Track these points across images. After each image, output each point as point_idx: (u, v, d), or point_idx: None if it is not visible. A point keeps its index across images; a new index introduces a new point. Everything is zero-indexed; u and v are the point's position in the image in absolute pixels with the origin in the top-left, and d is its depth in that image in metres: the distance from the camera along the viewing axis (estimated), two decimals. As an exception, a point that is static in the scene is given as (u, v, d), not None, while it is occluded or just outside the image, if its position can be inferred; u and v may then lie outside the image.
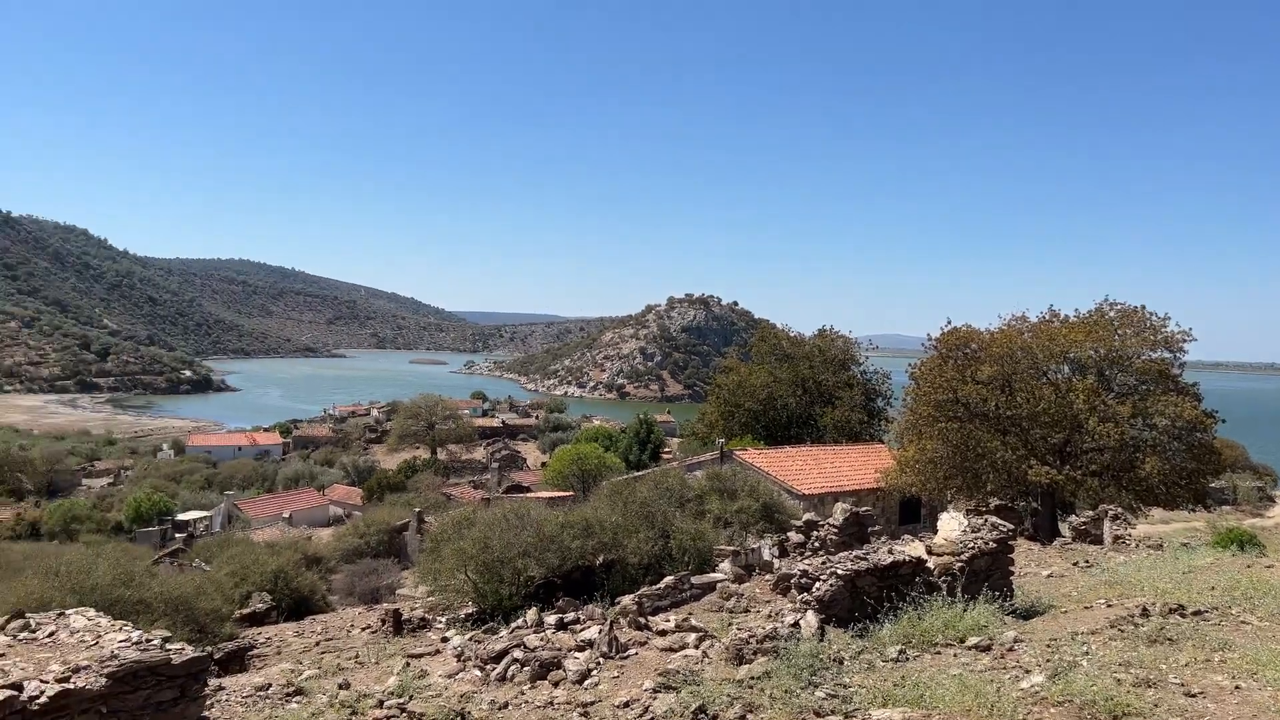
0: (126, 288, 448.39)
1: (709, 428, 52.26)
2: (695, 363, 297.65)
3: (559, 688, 10.44)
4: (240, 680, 14.68)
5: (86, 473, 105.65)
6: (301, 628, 25.64)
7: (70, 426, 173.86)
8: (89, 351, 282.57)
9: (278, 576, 30.71)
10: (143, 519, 64.57)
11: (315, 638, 23.05)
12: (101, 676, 7.69)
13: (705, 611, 15.03)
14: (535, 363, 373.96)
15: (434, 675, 12.43)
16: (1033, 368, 31.73)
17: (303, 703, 11.99)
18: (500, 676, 11.29)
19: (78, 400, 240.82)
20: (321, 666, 15.95)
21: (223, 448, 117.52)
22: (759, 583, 16.97)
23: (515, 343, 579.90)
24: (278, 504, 68.27)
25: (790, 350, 54.57)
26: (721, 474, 31.57)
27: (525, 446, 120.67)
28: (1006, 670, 8.53)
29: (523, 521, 22.75)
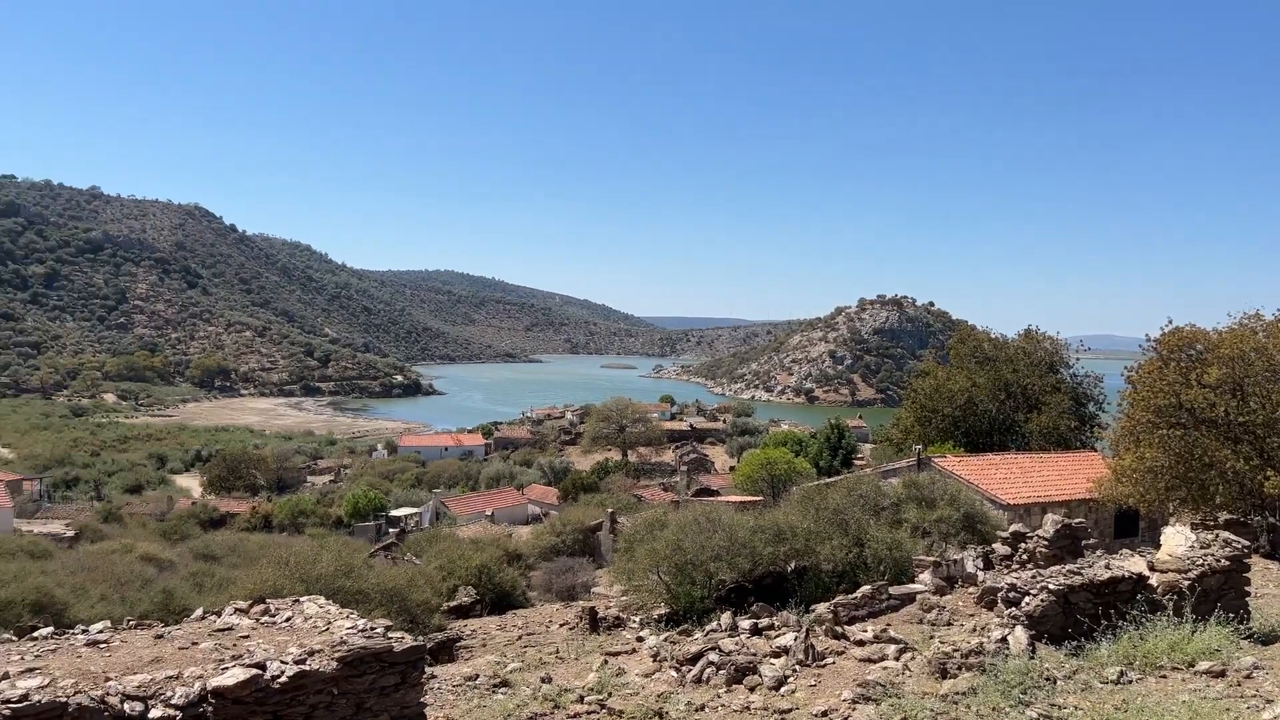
0: (345, 299, 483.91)
1: (904, 433, 50.72)
2: (888, 366, 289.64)
3: (755, 693, 10.44)
4: (450, 670, 15.54)
5: (311, 470, 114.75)
6: (503, 622, 26.82)
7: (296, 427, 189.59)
8: (312, 358, 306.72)
9: (482, 572, 32.26)
10: (360, 514, 69.36)
11: (517, 632, 24.06)
12: (333, 660, 8.35)
13: (904, 623, 14.61)
14: (722, 366, 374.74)
15: (631, 674, 12.71)
16: (1269, 370, 28.93)
17: (508, 694, 12.56)
18: (696, 678, 11.41)
19: (303, 403, 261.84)
20: (524, 660, 16.64)
21: (430, 448, 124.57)
22: (961, 595, 16.32)
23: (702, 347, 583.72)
24: (481, 502, 71.63)
25: (991, 352, 52.13)
26: (919, 481, 30.56)
27: (712, 450, 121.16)
28: (1244, 699, 7.84)
29: (714, 525, 22.88)
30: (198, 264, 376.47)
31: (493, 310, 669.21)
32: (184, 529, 58.79)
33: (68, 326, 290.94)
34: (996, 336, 55.48)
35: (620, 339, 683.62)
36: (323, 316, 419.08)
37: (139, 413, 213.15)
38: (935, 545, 25.87)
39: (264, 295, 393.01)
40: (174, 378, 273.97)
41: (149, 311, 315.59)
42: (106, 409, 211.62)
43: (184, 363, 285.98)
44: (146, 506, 75.23)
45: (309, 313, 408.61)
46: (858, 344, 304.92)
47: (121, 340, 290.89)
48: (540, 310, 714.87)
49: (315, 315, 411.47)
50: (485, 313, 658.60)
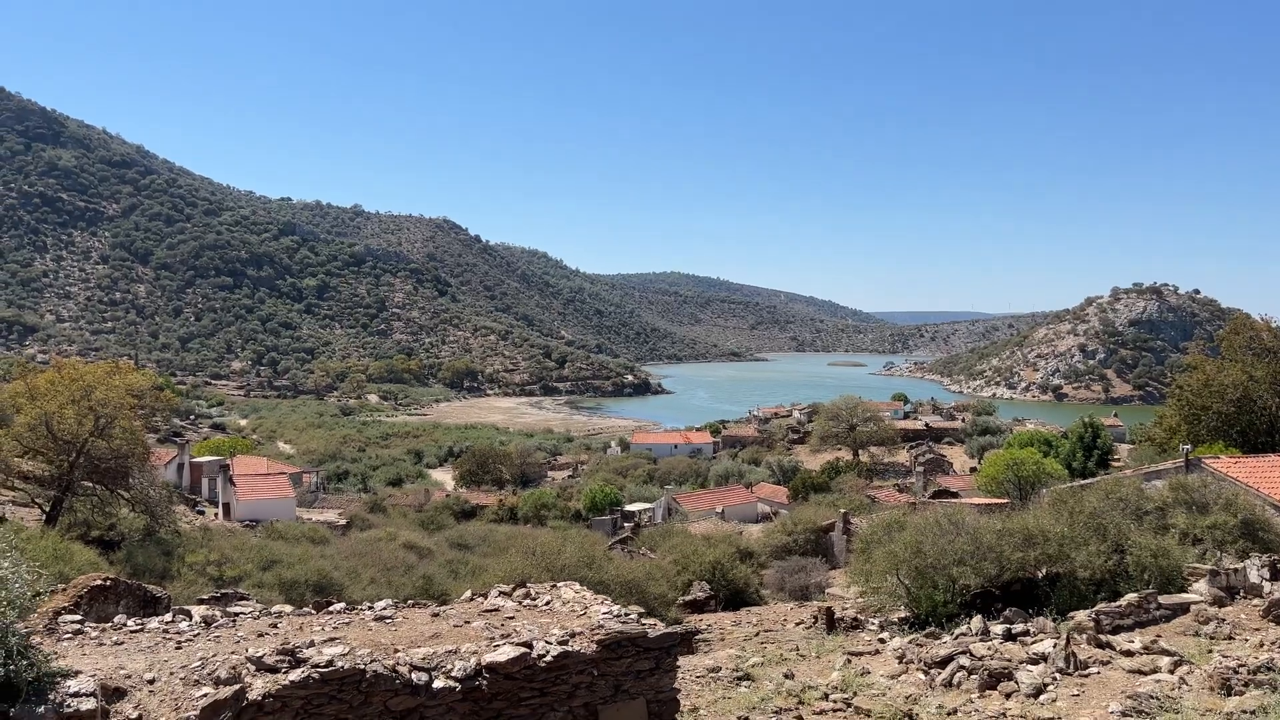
0: (578, 302, 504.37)
1: (1169, 432, 46.69)
2: (1146, 360, 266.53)
3: (1010, 700, 10.04)
4: (691, 661, 15.93)
5: (551, 465, 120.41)
6: (738, 618, 27.09)
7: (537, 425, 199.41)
8: (550, 360, 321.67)
9: (715, 567, 32.69)
10: (597, 508, 72.03)
11: (753, 628, 24.25)
12: (592, 643, 8.84)
13: (1176, 635, 13.51)
14: (959, 363, 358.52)
15: (875, 674, 12.55)
16: None
17: (751, 687, 12.74)
18: (946, 682, 11.11)
19: (542, 402, 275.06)
20: (764, 655, 16.77)
21: (661, 445, 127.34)
22: (1244, 608, 14.87)
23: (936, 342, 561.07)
24: (710, 499, 72.41)
25: (1271, 343, 46.97)
26: (1188, 484, 28.00)
27: (950, 450, 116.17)
28: None
29: (957, 528, 22.07)
30: (447, 273, 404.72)
31: (718, 310, 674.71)
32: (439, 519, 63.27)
33: (336, 333, 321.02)
34: (1277, 326, 49.90)
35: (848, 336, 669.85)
36: (559, 320, 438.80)
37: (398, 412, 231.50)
38: (1209, 554, 23.67)
39: (505, 301, 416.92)
40: (428, 379, 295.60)
41: (405, 318, 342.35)
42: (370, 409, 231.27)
43: (436, 365, 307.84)
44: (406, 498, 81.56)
45: (546, 316, 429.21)
46: (1111, 336, 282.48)
47: (382, 345, 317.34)
48: (765, 308, 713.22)
49: (552, 319, 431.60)
50: (710, 312, 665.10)
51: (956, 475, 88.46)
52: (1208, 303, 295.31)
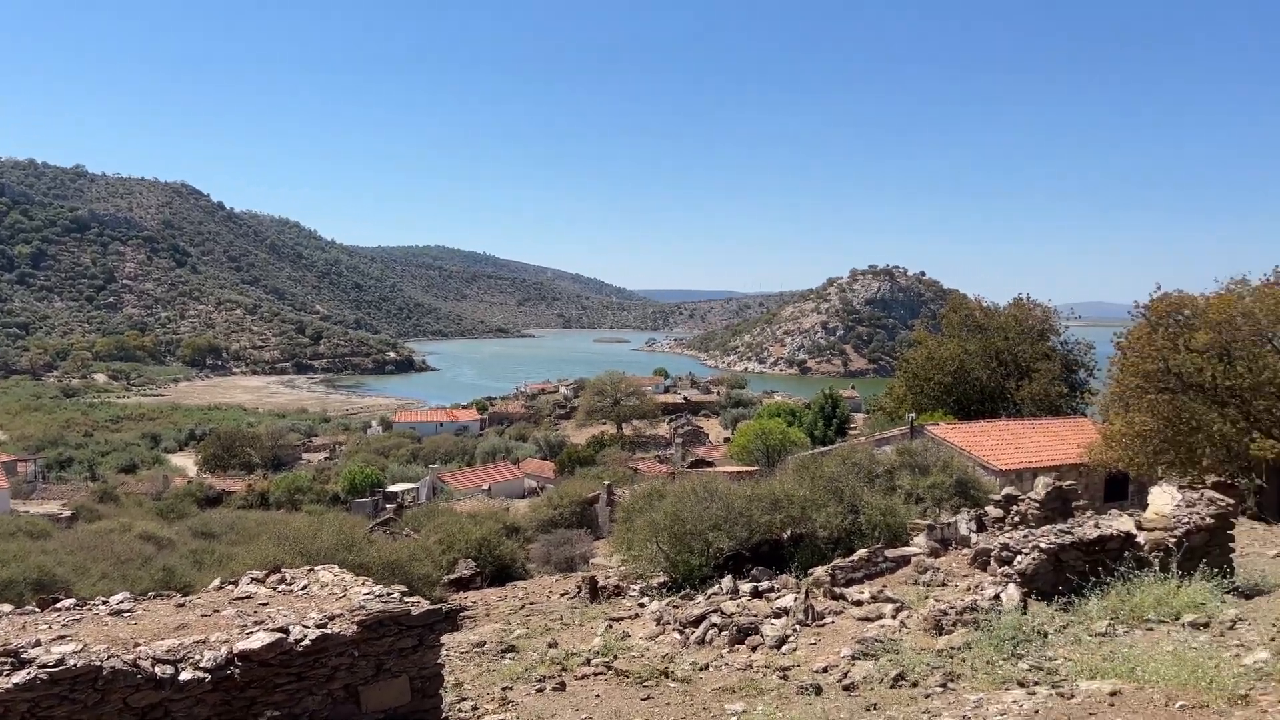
0: (335, 275, 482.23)
1: (897, 402, 51.14)
2: (880, 336, 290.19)
3: (757, 652, 10.80)
4: (456, 638, 15.91)
5: (305, 448, 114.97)
6: (504, 593, 27.22)
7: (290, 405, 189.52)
8: (304, 336, 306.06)
9: (481, 545, 32.62)
10: (356, 490, 69.72)
11: (518, 602, 24.46)
12: (353, 624, 8.66)
13: (900, 584, 15.00)
14: (715, 339, 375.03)
15: (635, 637, 13.08)
16: (1256, 334, 29.34)
17: (516, 658, 12.92)
18: (699, 640, 11.78)
19: (295, 381, 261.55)
20: (529, 627, 17.01)
21: (426, 424, 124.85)
22: (955, 557, 16.73)
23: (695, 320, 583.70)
24: (477, 477, 72.05)
25: (983, 321, 52.47)
26: (912, 449, 30.95)
27: (707, 422, 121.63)
28: (1227, 648, 8.21)
29: (711, 495, 23.24)
30: (186, 242, 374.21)
31: (484, 285, 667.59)
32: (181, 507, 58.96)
33: (56, 307, 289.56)
34: (988, 305, 55.71)
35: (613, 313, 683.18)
36: (313, 294, 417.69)
37: (131, 392, 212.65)
38: (929, 511, 26.30)
39: (253, 273, 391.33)
40: (165, 357, 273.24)
41: (138, 291, 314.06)
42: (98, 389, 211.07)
43: (175, 342, 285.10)
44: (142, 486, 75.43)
45: (299, 290, 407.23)
46: (850, 315, 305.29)
47: (111, 320, 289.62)
48: (532, 285, 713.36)
49: (306, 292, 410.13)
50: (477, 288, 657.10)
51: (712, 446, 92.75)
52: (932, 284, 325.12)
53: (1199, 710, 6.52)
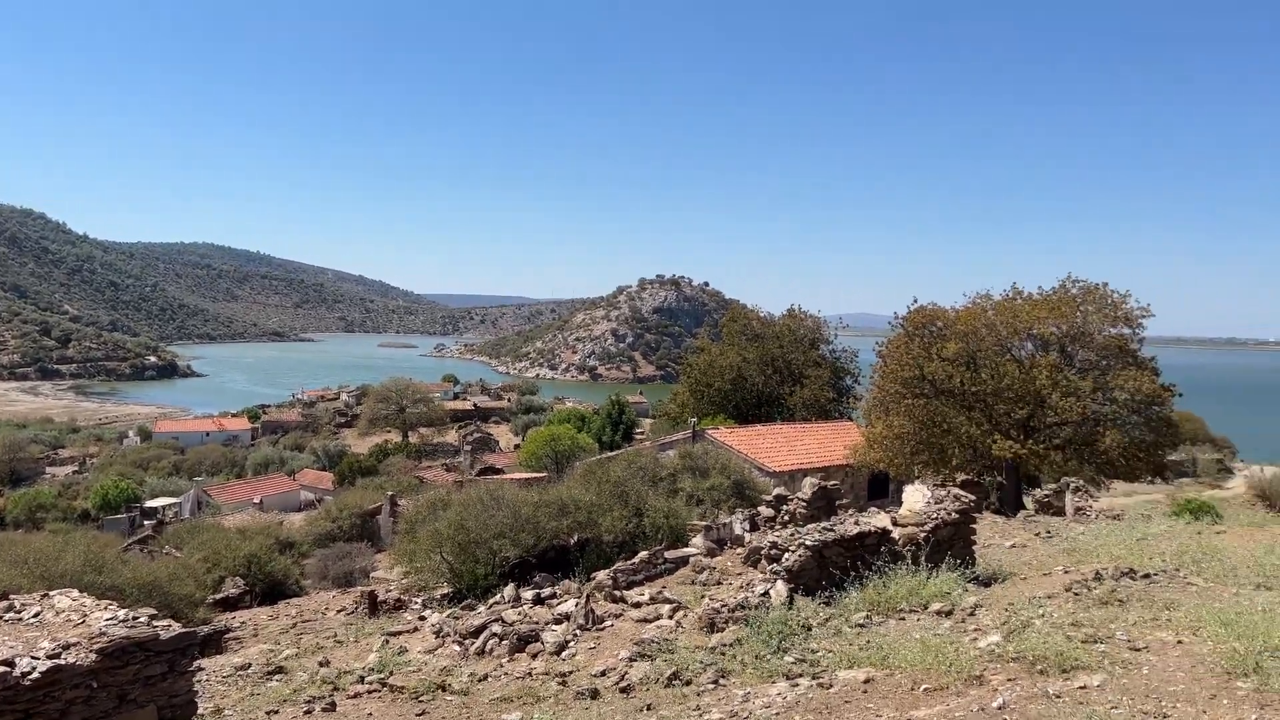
0: (87, 272, 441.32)
1: (680, 408, 52.65)
2: (667, 344, 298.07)
3: (537, 659, 10.74)
4: (219, 661, 14.86)
5: (50, 461, 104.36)
6: (276, 611, 25.76)
7: (32, 414, 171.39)
8: (49, 338, 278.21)
9: (251, 562, 30.73)
10: (110, 506, 64.03)
11: (291, 620, 23.21)
12: (91, 653, 7.87)
13: (679, 584, 15.38)
14: (506, 345, 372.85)
15: (413, 651, 12.69)
16: (997, 344, 32.32)
17: (283, 680, 12.22)
18: (479, 650, 11.57)
19: (39, 388, 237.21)
20: (300, 646, 16.14)
21: (190, 433, 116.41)
22: (731, 556, 17.36)
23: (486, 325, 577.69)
24: (248, 490, 67.97)
25: (760, 330, 55.01)
26: (693, 453, 31.92)
27: (497, 429, 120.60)
28: (966, 632, 8.92)
29: (498, 503, 22.98)
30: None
31: (258, 286, 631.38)
32: (-107, 531, 52.01)
33: None
34: (765, 315, 58.48)
35: (400, 317, 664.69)
36: (61, 292, 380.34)
37: None
38: (709, 512, 27.18)
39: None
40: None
41: None
42: None
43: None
44: None
45: (45, 288, 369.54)
46: (638, 322, 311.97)
47: None
48: (311, 286, 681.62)
49: (52, 291, 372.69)
50: (250, 289, 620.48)
51: (503, 453, 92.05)
52: (715, 294, 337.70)
53: (940, 692, 7.05)
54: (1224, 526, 17.03)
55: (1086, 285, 33.55)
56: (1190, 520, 19.20)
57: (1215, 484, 57.28)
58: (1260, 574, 10.72)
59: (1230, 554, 12.27)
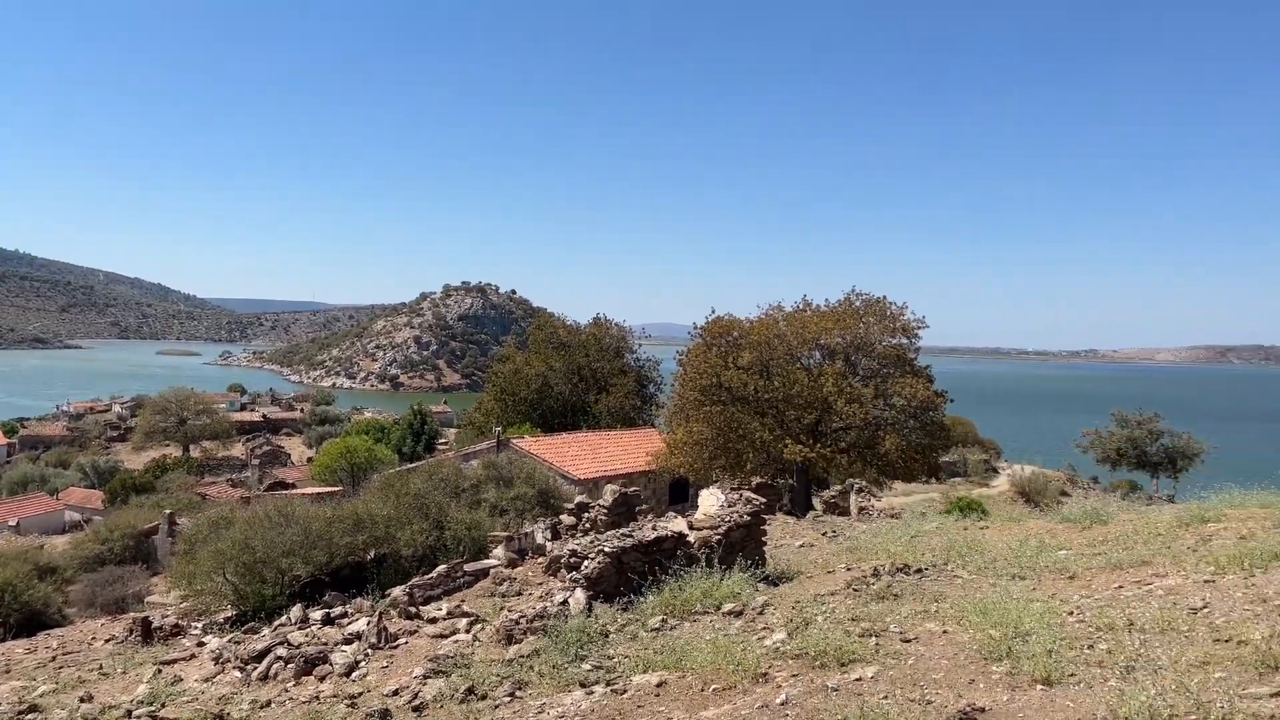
0: None
1: (486, 417, 52.07)
2: (473, 352, 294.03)
3: (325, 682, 10.26)
4: (-40, 705, 13.32)
5: None
6: (34, 644, 23.46)
7: None
8: None
9: (4, 590, 27.86)
10: None
11: (51, 653, 21.17)
12: None
13: (478, 597, 15.13)
14: (300, 353, 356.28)
15: (189, 680, 11.85)
16: (788, 354, 33.89)
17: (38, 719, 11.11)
18: (262, 675, 10.93)
19: None
20: (59, 681, 14.71)
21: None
22: (532, 566, 17.26)
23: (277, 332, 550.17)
24: (3, 511, 61.59)
25: (566, 339, 55.22)
26: (497, 462, 31.64)
27: (289, 441, 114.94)
28: (755, 631, 9.24)
29: (287, 519, 21.98)
30: None
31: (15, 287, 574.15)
32: None
33: None
34: (571, 324, 58.79)
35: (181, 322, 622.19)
36: None
37: None
38: (513, 522, 26.97)
39: None
40: None
41: None
42: None
43: None
44: None
45: None
46: (443, 330, 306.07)
47: None
48: (79, 289, 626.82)
49: None
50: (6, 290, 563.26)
51: (295, 466, 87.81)
52: (522, 301, 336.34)
53: (729, 691, 7.26)
54: (988, 522, 18.48)
55: (869, 298, 35.74)
56: (959, 517, 20.75)
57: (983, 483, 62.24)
58: (1016, 565, 11.68)
59: (991, 548, 13.31)
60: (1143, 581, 9.64)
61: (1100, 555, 11.41)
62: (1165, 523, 13.10)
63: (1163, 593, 8.96)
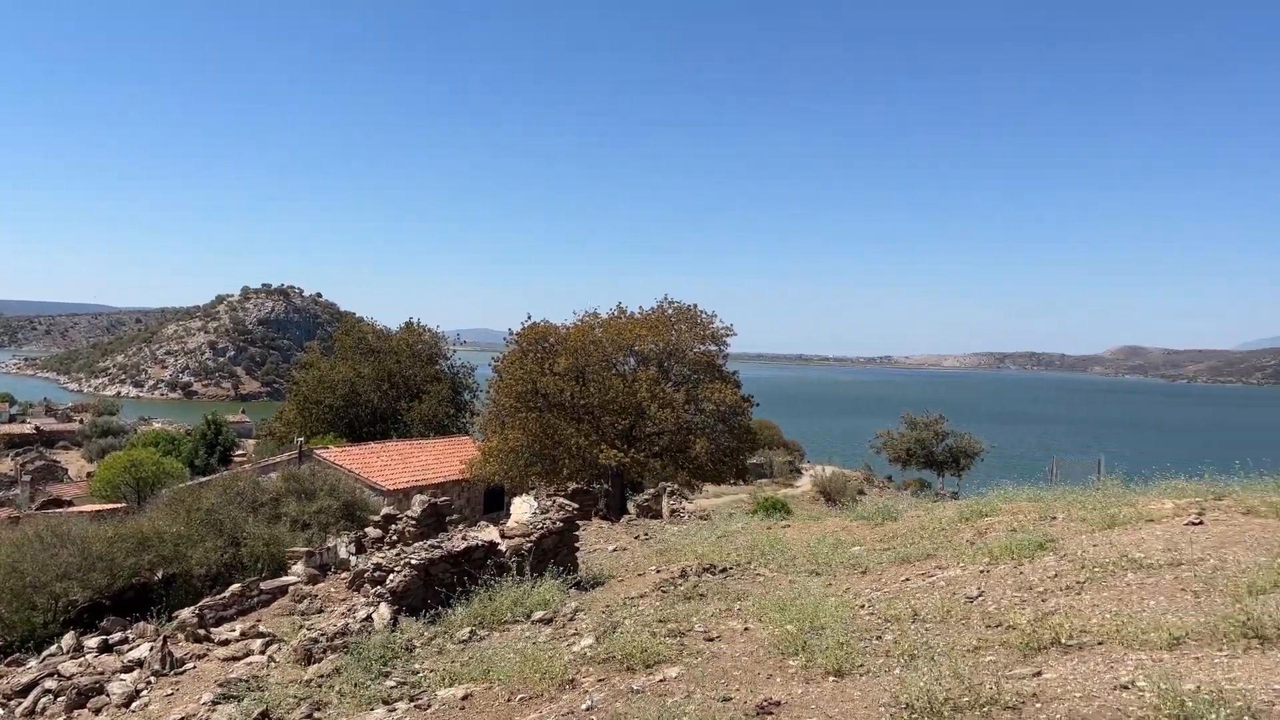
0: None
1: (287, 426, 49.76)
2: (274, 358, 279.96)
3: (100, 714, 9.47)
4: None
5: None
6: None
7: None
8: None
9: None
10: None
11: None
12: None
13: (275, 616, 14.39)
14: (79, 359, 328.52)
15: (-62, 724, 10.64)
16: (603, 360, 34.25)
17: None
18: (29, 711, 9.97)
19: None
20: None
21: None
22: (334, 582, 16.58)
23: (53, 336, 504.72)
24: None
25: (376, 344, 53.57)
26: (299, 474, 30.21)
27: (66, 455, 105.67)
28: (565, 638, 9.23)
29: (62, 539, 20.31)
30: None
31: None
32: None
33: None
34: (382, 329, 57.08)
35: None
36: None
37: None
38: (315, 537, 25.86)
39: None
40: None
41: None
42: None
43: None
44: None
45: None
46: (242, 335, 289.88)
47: None
48: None
49: None
50: None
51: (72, 482, 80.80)
52: (329, 305, 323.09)
53: (536, 700, 7.21)
54: (790, 522, 19.29)
55: (680, 306, 36.66)
56: (763, 517, 21.56)
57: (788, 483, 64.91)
58: (814, 562, 12.24)
59: (792, 546, 13.88)
60: (927, 574, 10.30)
61: (890, 550, 12.12)
62: (948, 518, 14.06)
63: (944, 584, 9.61)
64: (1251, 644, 6.22)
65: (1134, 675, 5.83)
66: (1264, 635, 6.27)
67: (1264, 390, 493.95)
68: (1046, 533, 10.91)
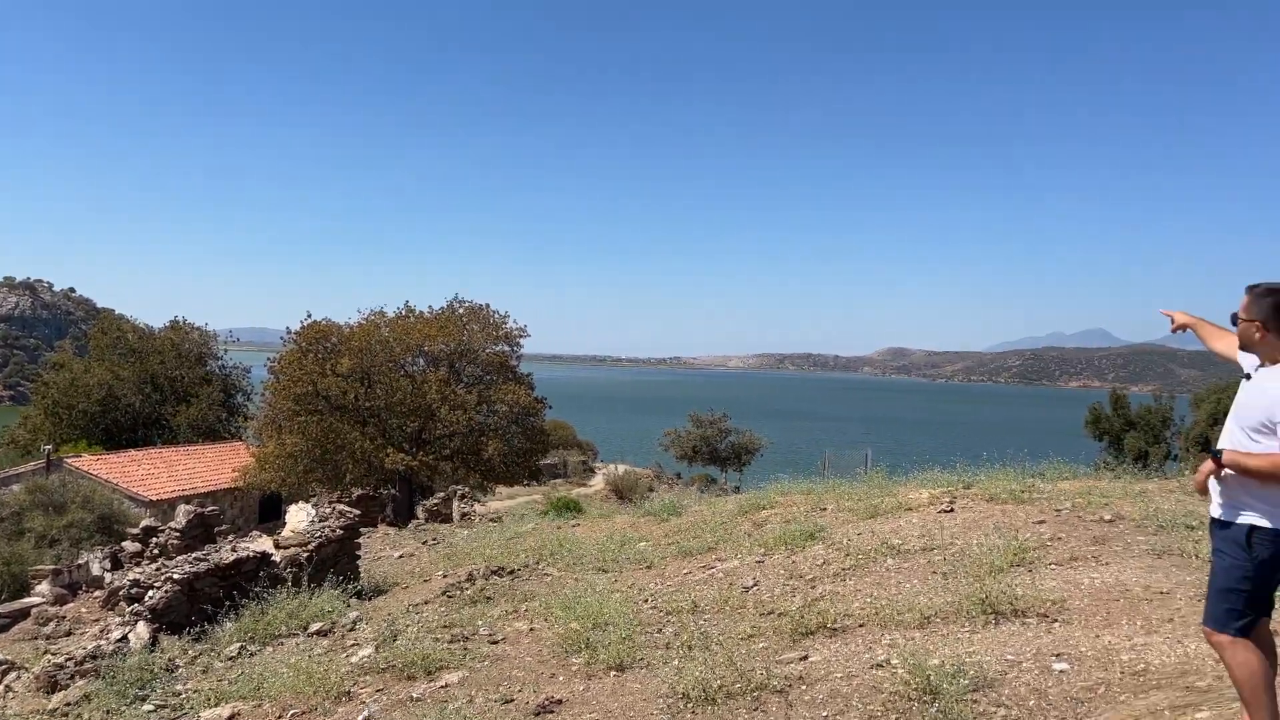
0: None
1: (33, 434, 45.10)
2: (19, 358, 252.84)
3: None
4: None
5: None
6: None
7: None
8: None
9: None
10: None
11: None
12: None
13: (16, 642, 13.00)
14: None
15: None
16: (390, 360, 33.29)
17: None
18: None
19: None
20: None
21: None
22: (86, 601, 15.18)
23: None
24: None
25: (137, 344, 49.51)
26: (47, 485, 27.51)
27: None
28: (344, 649, 8.87)
29: None
30: None
31: None
32: None
33: None
34: (143, 327, 52.95)
35: None
36: None
37: None
38: (66, 553, 23.63)
39: None
40: None
41: None
42: None
43: None
44: None
45: None
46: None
47: None
48: None
49: None
50: None
51: None
52: (83, 301, 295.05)
53: (309, 714, 6.89)
54: (580, 520, 19.44)
55: (472, 306, 36.21)
56: (555, 517, 21.62)
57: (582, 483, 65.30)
58: (602, 560, 12.38)
59: (581, 544, 13.99)
60: (707, 566, 10.66)
61: (674, 545, 12.45)
62: (729, 512, 14.61)
63: (723, 575, 9.97)
64: (990, 620, 6.84)
65: (889, 654, 6.28)
66: (999, 611, 6.92)
67: (1010, 388, 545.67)
68: (817, 523, 11.55)
